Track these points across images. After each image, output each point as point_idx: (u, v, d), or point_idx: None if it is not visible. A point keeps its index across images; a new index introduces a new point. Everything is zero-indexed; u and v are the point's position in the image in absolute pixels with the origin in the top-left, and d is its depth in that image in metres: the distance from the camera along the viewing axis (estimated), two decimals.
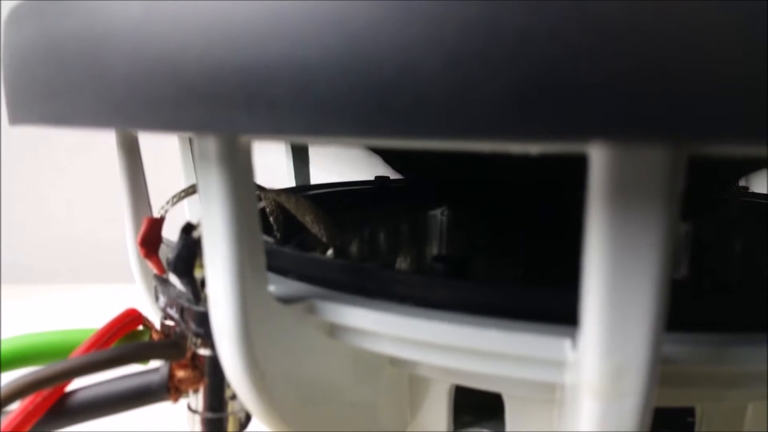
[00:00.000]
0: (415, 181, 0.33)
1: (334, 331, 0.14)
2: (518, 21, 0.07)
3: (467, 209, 0.29)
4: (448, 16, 0.07)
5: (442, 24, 0.07)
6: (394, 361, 0.15)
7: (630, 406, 0.10)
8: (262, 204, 0.20)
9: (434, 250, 0.30)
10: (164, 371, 0.16)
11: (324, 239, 0.19)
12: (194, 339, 0.15)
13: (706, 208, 0.27)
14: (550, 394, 0.13)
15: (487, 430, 0.16)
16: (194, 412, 0.16)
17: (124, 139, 0.19)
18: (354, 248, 0.27)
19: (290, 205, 0.19)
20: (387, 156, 0.29)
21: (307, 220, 0.19)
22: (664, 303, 0.09)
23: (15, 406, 0.15)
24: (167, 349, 0.16)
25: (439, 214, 0.30)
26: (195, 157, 0.12)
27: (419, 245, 0.30)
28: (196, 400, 0.16)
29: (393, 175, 0.31)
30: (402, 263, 0.21)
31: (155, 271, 0.17)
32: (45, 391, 0.15)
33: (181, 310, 0.15)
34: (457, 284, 0.13)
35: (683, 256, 0.27)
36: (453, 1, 0.07)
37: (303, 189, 0.28)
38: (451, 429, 0.16)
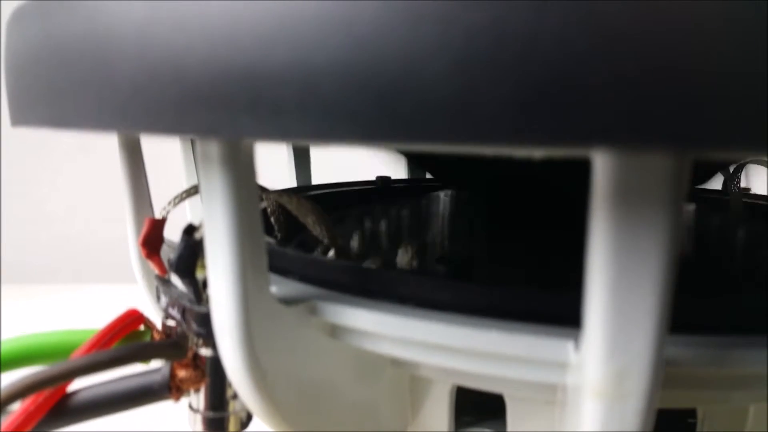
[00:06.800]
0: (417, 181, 0.33)
1: (335, 331, 0.14)
2: (524, 26, 0.07)
3: (469, 209, 0.29)
4: (454, 21, 0.07)
5: (448, 28, 0.07)
6: (396, 362, 0.15)
7: (632, 408, 0.10)
8: (263, 204, 0.20)
9: (435, 249, 0.30)
10: (166, 371, 0.16)
11: (325, 240, 0.19)
12: (196, 339, 0.15)
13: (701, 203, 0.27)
14: (552, 396, 0.13)
15: (489, 430, 0.16)
16: (195, 411, 0.16)
17: (126, 140, 0.19)
18: (354, 248, 0.26)
19: (292, 206, 0.19)
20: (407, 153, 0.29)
21: (309, 221, 0.19)
22: (667, 305, 0.09)
23: (16, 407, 0.15)
24: (169, 349, 0.16)
25: (440, 214, 0.30)
26: (197, 158, 0.12)
27: (420, 245, 0.29)
28: (198, 399, 0.16)
29: (394, 174, 0.31)
30: (403, 257, 0.21)
31: (157, 271, 0.17)
32: (46, 392, 0.15)
33: (183, 311, 0.15)
34: (459, 285, 0.13)
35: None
36: (458, 6, 0.07)
37: (304, 189, 0.28)
38: (452, 429, 0.16)
